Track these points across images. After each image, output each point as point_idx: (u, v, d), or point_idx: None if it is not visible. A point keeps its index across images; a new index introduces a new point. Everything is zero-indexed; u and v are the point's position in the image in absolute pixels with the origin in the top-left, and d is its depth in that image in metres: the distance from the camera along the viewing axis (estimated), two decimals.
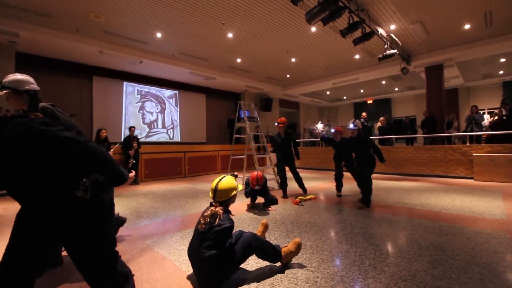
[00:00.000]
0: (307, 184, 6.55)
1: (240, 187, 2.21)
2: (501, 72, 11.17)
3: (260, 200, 4.45)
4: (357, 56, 8.98)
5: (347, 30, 5.66)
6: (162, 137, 10.87)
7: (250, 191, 4.19)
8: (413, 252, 2.42)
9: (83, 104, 8.78)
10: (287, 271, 2.12)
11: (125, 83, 9.77)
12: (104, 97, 9.24)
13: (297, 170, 5.38)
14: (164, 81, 10.73)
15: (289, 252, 2.18)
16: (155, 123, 10.70)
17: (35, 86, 1.79)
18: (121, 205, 4.72)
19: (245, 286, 1.92)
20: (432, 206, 4.17)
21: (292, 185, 5.72)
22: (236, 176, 2.22)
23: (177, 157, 9.18)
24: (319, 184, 6.90)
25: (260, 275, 2.08)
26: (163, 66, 8.95)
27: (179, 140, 11.34)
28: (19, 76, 1.73)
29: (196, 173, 9.68)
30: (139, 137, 10.03)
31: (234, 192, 2.09)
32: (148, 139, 10.34)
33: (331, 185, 6.35)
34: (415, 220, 3.45)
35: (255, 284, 1.94)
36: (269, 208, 4.16)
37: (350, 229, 3.11)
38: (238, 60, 9.14)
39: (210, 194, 2.10)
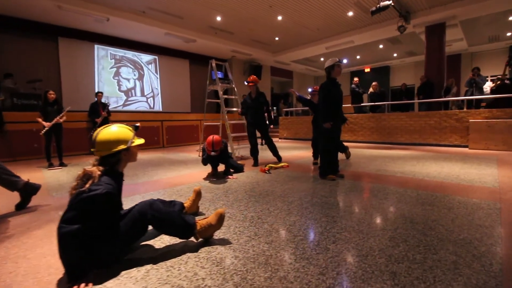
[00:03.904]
0: (289, 153, 6.05)
1: (140, 141, 1.65)
2: (508, 34, 10.22)
3: (223, 167, 3.93)
4: (350, 13, 8.05)
5: None
6: (141, 106, 10.19)
7: (207, 158, 3.63)
8: (374, 226, 1.91)
9: (49, 68, 8.02)
10: (202, 249, 1.62)
11: (96, 46, 8.92)
12: (73, 61, 8.44)
13: (284, 139, 4.82)
14: (140, 44, 9.80)
15: (207, 225, 1.66)
16: (132, 91, 9.96)
17: None
18: (70, 175, 4.22)
19: (134, 269, 1.42)
20: (415, 174, 3.65)
21: (267, 153, 5.19)
22: (137, 128, 1.64)
23: (154, 126, 8.60)
24: (300, 153, 6.36)
25: (165, 254, 1.58)
26: (135, 25, 8.05)
27: (161, 109, 10.66)
28: None
29: (176, 143, 9.15)
30: (115, 105, 9.40)
31: (121, 146, 1.52)
32: (126, 108, 9.68)
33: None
34: (390, 188, 2.93)
35: (149, 266, 1.45)
36: (229, 177, 3.65)
37: (310, 198, 2.60)
38: (218, 18, 8.21)
39: (92, 149, 1.54)
